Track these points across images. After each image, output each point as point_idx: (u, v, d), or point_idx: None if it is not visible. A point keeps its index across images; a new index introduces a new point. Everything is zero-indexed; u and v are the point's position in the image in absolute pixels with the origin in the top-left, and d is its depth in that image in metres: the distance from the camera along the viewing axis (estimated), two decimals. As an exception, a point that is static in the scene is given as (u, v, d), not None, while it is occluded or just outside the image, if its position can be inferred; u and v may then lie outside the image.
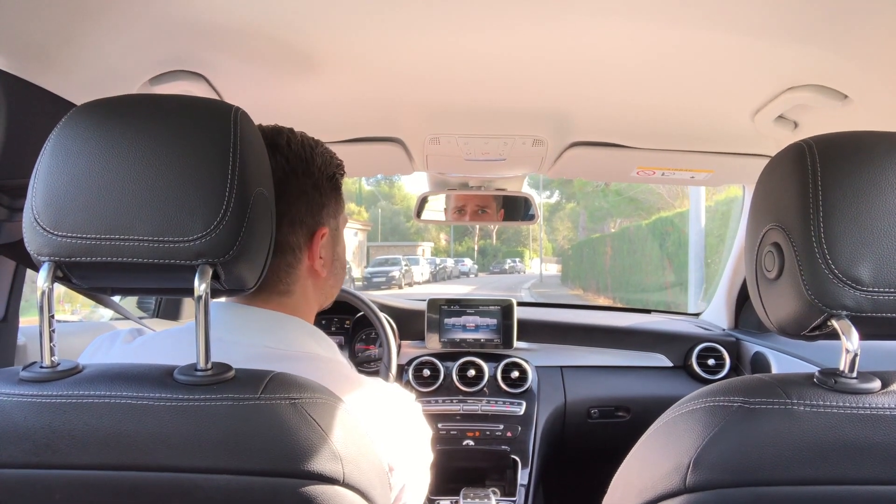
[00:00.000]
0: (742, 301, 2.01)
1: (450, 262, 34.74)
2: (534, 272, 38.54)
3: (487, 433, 1.74)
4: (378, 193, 43.25)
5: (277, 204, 0.69)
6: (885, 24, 0.82)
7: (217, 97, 1.11)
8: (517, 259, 40.87)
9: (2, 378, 0.56)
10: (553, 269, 35.15)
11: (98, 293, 1.07)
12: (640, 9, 0.84)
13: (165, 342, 0.73)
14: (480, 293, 2.18)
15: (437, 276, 30.24)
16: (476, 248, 44.98)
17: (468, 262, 37.18)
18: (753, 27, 0.87)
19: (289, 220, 0.75)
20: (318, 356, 0.74)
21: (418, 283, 25.62)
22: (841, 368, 0.56)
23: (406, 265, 25.13)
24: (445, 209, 1.92)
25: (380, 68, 1.06)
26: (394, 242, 38.11)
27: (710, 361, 1.88)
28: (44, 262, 0.55)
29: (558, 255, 38.61)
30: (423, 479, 0.78)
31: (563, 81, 1.11)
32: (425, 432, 0.80)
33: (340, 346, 1.91)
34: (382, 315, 1.50)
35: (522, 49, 0.98)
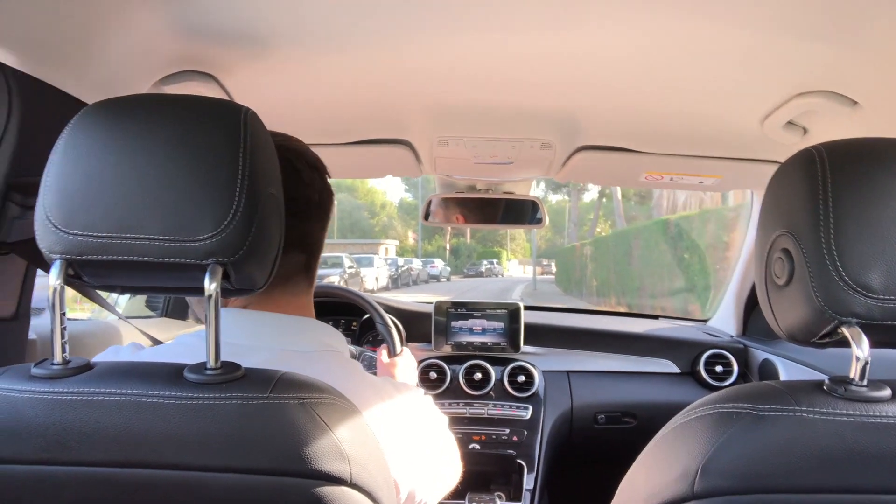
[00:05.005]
0: (750, 308, 2.00)
1: (416, 263, 30.08)
2: (512, 275, 35.81)
3: (493, 437, 1.74)
4: (337, 185, 39.82)
5: (328, 211, 0.79)
6: (895, 30, 0.82)
7: (227, 98, 1.12)
8: (494, 260, 37.62)
9: (14, 374, 0.56)
10: (531, 271, 31.08)
11: (107, 292, 1.08)
12: (650, 11, 0.84)
13: (178, 350, 0.73)
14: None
15: (398, 281, 24.64)
16: (448, 247, 40.75)
17: (439, 264, 32.13)
18: (763, 32, 0.87)
19: (327, 224, 0.83)
20: (339, 352, 0.76)
21: (371, 292, 18.24)
22: (851, 376, 0.56)
23: (352, 267, 20.01)
24: (453, 212, 1.92)
25: (389, 70, 1.06)
26: (352, 240, 33.68)
27: (718, 368, 1.87)
28: (55, 259, 0.55)
29: (547, 257, 35.73)
30: (436, 480, 0.79)
31: (571, 84, 1.11)
32: (436, 431, 0.81)
33: None
34: (388, 317, 1.51)
35: (531, 51, 0.98)
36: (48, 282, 0.55)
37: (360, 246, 31.12)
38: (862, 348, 0.54)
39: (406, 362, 1.33)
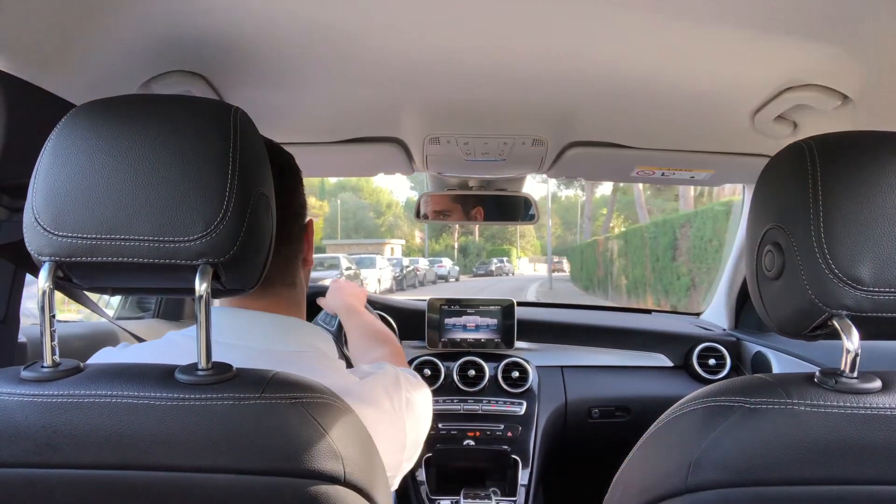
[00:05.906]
0: (743, 301, 2.01)
1: (423, 262, 28.23)
2: (523, 273, 35.24)
3: (488, 433, 1.74)
4: (342, 185, 37.55)
5: (282, 196, 0.73)
6: (885, 25, 0.82)
7: (216, 97, 1.11)
8: (504, 258, 36.54)
9: (3, 377, 0.56)
10: (542, 268, 30.47)
11: (98, 293, 1.07)
12: (640, 8, 0.84)
13: (166, 347, 0.73)
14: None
15: (403, 282, 22.89)
16: (456, 246, 40.59)
17: (447, 263, 30.29)
18: (753, 26, 0.87)
19: (292, 213, 0.79)
20: (322, 351, 0.76)
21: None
22: (841, 368, 0.56)
23: (350, 269, 18.51)
24: (445, 210, 1.92)
25: (379, 68, 1.06)
26: (357, 240, 32.84)
27: (711, 361, 1.88)
28: (44, 261, 0.55)
29: (557, 254, 35.16)
30: (415, 454, 0.81)
31: (563, 81, 1.11)
32: (418, 415, 0.81)
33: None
34: (376, 313, 1.51)
35: (522, 48, 0.97)
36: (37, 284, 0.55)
37: (365, 246, 30.12)
38: (852, 340, 0.55)
39: (343, 281, 1.40)
